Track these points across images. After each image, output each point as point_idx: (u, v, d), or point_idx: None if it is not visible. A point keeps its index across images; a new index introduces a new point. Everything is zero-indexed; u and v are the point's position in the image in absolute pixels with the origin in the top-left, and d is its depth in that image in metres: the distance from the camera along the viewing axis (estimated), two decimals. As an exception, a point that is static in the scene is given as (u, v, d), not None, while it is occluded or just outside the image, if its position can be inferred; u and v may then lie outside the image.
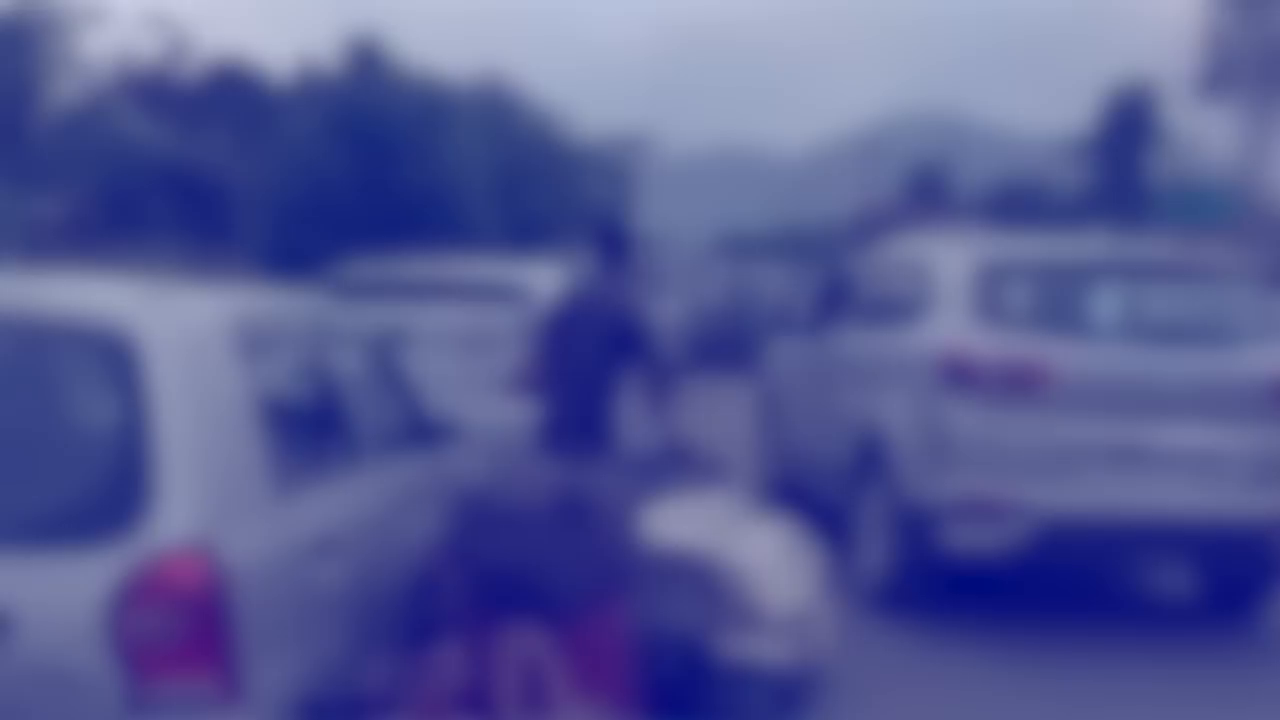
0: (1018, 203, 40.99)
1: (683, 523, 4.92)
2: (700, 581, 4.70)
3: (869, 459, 6.97)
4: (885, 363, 7.12)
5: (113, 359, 3.08)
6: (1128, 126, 39.04)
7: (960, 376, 6.33)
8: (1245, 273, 6.98)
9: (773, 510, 6.05)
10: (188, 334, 3.26)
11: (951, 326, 6.56)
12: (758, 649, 4.61)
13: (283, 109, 26.34)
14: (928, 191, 45.23)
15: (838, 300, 8.55)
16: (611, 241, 6.45)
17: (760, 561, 4.86)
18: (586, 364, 6.15)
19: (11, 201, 17.67)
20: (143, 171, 24.03)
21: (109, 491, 3.00)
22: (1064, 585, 7.42)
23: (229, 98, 28.94)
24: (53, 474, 3.08)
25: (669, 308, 17.62)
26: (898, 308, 7.28)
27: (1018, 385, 6.25)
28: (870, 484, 6.95)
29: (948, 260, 6.89)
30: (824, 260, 30.12)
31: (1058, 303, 6.57)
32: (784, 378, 9.41)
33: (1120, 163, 38.71)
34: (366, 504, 4.01)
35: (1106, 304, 6.71)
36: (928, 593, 6.65)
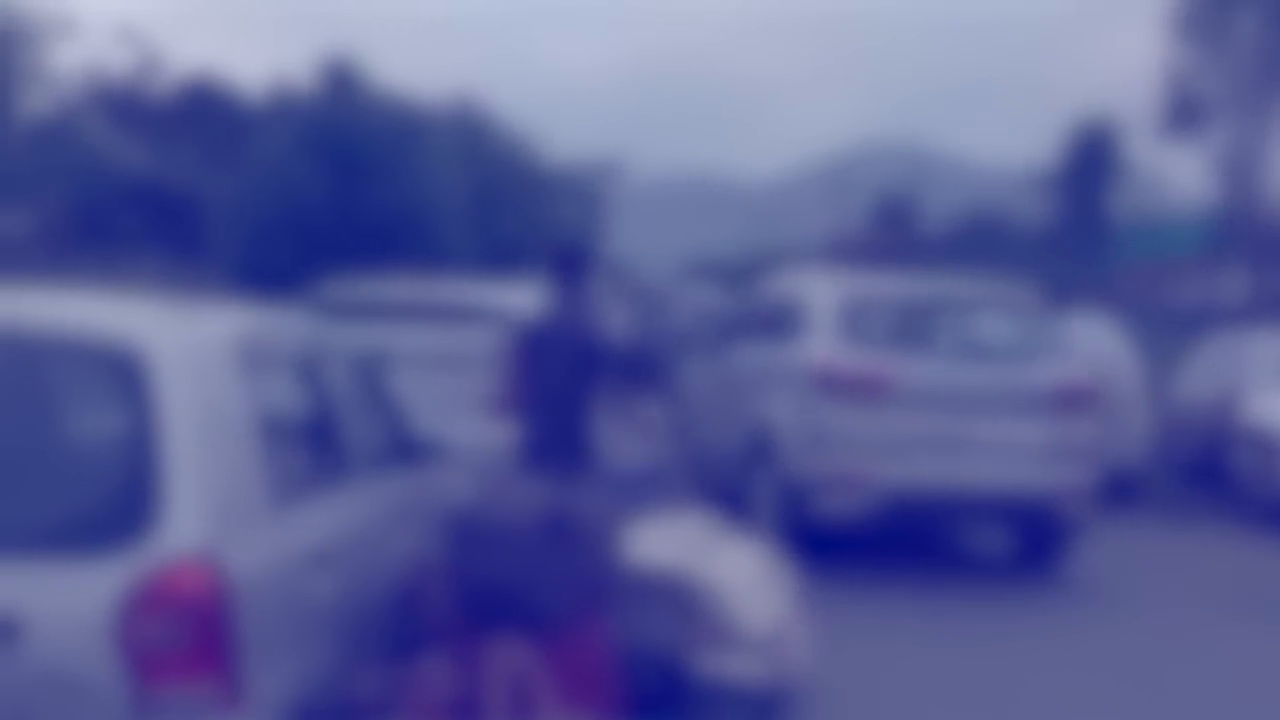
0: (982, 233, 41.48)
1: (661, 543, 5.05)
2: (678, 600, 4.82)
3: (760, 447, 8.72)
4: (773, 373, 8.92)
5: (122, 374, 3.19)
6: (1089, 160, 39.67)
7: (828, 383, 8.20)
8: (1037, 306, 9.02)
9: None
10: (194, 351, 3.36)
11: (822, 345, 8.43)
12: (734, 666, 4.74)
13: (256, 126, 26.33)
14: (894, 220, 45.68)
15: (738, 324, 10.62)
16: (571, 263, 6.57)
17: (736, 581, 5.00)
18: (562, 384, 6.28)
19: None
20: (114, 186, 23.95)
21: (118, 502, 3.10)
22: (909, 544, 9.46)
23: (201, 113, 28.90)
24: (63, 485, 3.18)
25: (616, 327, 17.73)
26: (783, 330, 9.06)
27: (870, 390, 8.16)
28: (761, 467, 8.69)
29: (821, 294, 8.77)
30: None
31: (901, 328, 8.52)
32: (694, 388, 11.09)
33: (1082, 196, 39.32)
34: (358, 518, 4.12)
35: (937, 329, 8.62)
36: (805, 550, 7.86)
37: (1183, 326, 19.25)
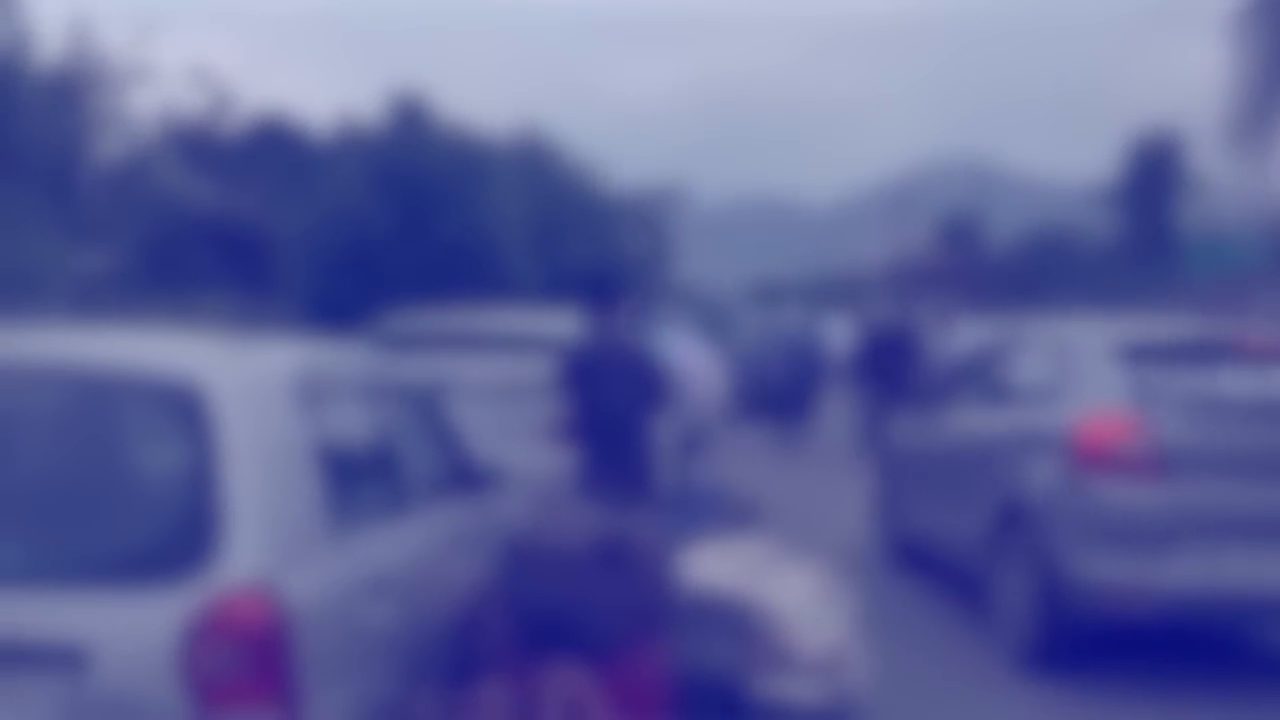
0: (1049, 250, 40.97)
1: (719, 566, 5.08)
2: (736, 623, 4.84)
3: None
4: None
5: (184, 410, 3.30)
6: (1155, 173, 39.02)
7: None
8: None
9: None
10: (253, 386, 3.47)
11: None
12: (791, 689, 4.75)
13: (324, 162, 26.81)
14: (960, 240, 45.24)
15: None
16: (602, 291, 6.66)
17: (793, 604, 5.01)
18: (618, 410, 6.34)
19: (60, 256, 18.14)
20: (187, 225, 24.51)
21: (179, 534, 3.20)
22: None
23: (271, 151, 29.47)
24: (127, 517, 3.29)
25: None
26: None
27: None
28: None
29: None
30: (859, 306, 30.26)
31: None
32: None
33: (1148, 210, 38.68)
34: (416, 546, 4.19)
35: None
36: None
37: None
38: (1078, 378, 6.65)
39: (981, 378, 8.09)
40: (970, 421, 7.81)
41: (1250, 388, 6.44)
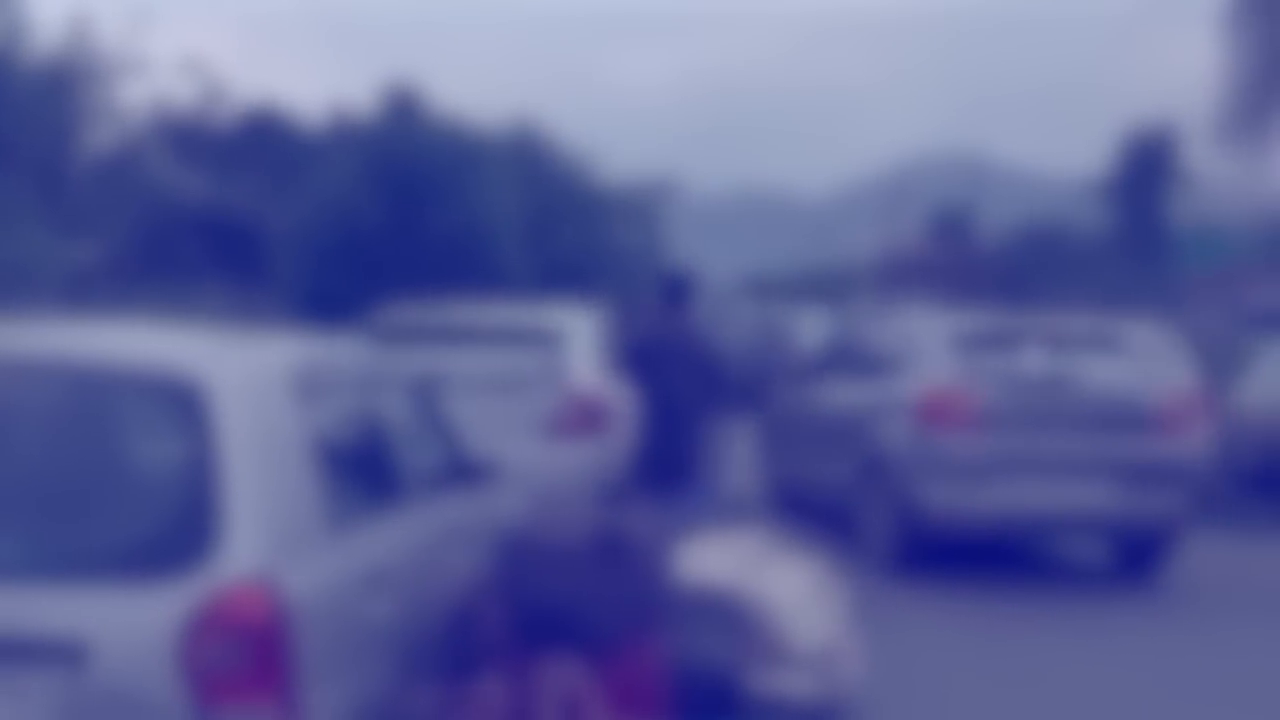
0: (1041, 244, 41.02)
1: (713, 561, 5.10)
2: (730, 618, 4.86)
3: None
4: None
5: (182, 405, 3.30)
6: (1147, 167, 39.05)
7: None
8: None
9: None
10: (251, 381, 3.47)
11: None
12: (785, 683, 4.77)
13: (316, 154, 26.75)
14: (951, 234, 45.23)
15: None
16: (676, 286, 6.84)
17: (788, 598, 5.03)
18: (679, 400, 6.41)
19: (51, 248, 18.08)
20: (178, 217, 24.46)
21: (178, 529, 3.21)
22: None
23: (263, 143, 29.41)
24: (126, 512, 3.29)
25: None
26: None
27: None
28: None
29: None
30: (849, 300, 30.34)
31: None
32: None
33: (1141, 203, 38.71)
34: (414, 540, 4.20)
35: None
36: None
37: (1253, 333, 18.92)
38: (921, 358, 8.69)
39: (847, 358, 10.11)
40: (839, 393, 9.72)
41: (1044, 365, 8.50)
